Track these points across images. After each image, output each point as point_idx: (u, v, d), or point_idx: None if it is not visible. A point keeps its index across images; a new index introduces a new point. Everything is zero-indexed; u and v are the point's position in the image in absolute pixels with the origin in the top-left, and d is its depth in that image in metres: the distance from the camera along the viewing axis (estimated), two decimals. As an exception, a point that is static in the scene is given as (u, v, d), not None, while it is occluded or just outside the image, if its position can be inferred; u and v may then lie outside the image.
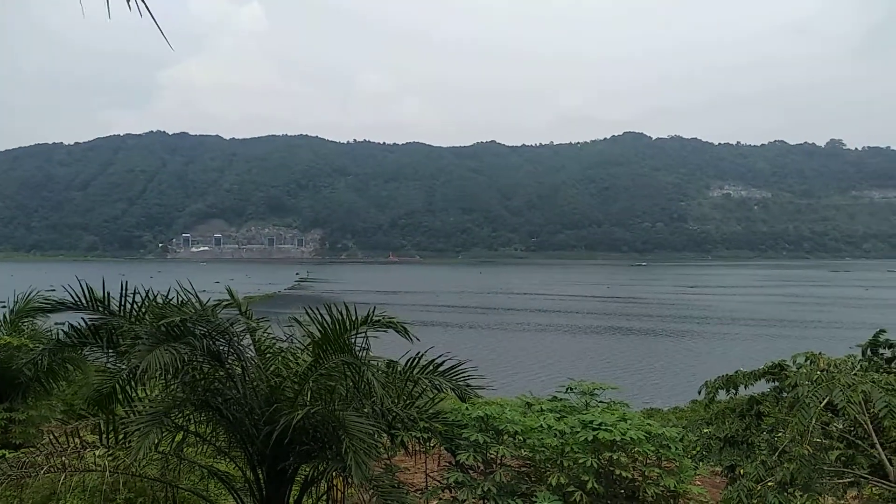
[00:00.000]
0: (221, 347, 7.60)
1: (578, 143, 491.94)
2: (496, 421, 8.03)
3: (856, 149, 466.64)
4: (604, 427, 7.54)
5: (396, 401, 8.18)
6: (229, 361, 7.67)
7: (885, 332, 8.39)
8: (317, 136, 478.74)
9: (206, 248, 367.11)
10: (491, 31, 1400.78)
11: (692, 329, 76.94)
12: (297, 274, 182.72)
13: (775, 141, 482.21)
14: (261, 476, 7.65)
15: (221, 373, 7.70)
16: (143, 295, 7.81)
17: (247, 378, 7.67)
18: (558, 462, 7.69)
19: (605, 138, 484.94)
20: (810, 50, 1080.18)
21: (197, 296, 7.69)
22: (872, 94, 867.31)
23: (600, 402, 9.31)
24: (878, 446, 6.61)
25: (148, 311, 7.59)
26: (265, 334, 8.42)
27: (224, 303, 8.22)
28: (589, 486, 7.24)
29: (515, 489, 7.65)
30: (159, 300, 7.68)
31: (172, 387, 7.61)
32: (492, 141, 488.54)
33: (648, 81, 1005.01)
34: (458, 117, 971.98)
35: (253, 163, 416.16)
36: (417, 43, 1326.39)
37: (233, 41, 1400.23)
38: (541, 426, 8.05)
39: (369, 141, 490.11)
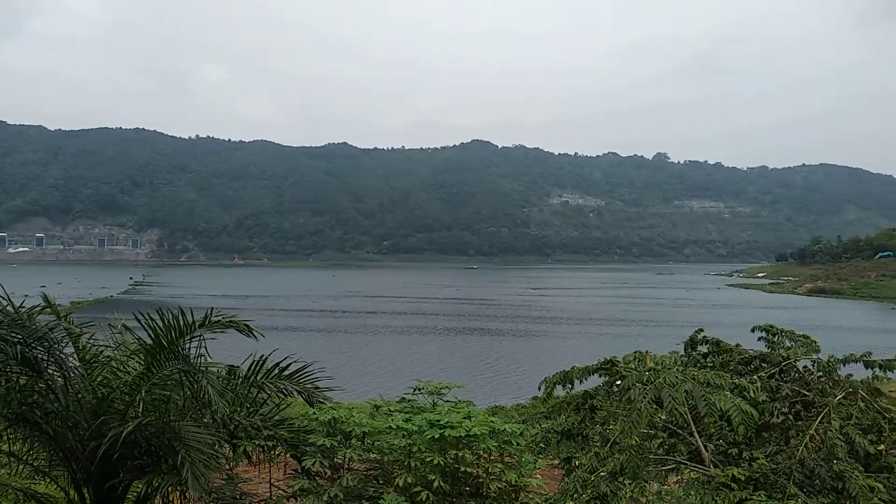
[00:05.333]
0: (39, 356, 6.90)
1: (429, 148, 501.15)
2: (344, 424, 7.93)
3: (678, 162, 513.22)
4: (450, 425, 7.68)
5: (239, 409, 7.85)
6: (49, 371, 7.00)
7: (702, 330, 9.13)
8: (154, 131, 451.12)
9: (26, 248, 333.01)
10: (344, 27, 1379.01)
11: (535, 329, 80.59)
12: (131, 278, 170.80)
13: (608, 153, 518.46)
14: (86, 496, 7.06)
15: (40, 384, 7.01)
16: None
17: (70, 389, 7.05)
18: (406, 462, 7.73)
19: (454, 145, 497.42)
20: (644, 71, 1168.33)
21: (10, 299, 6.95)
22: (694, 113, 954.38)
23: (447, 401, 9.48)
24: (695, 434, 7.21)
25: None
26: (91, 341, 7.79)
27: (44, 307, 7.50)
28: (435, 484, 7.33)
29: (362, 493, 7.60)
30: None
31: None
32: (344, 142, 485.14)
33: (495, 94, 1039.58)
34: (307, 115, 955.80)
35: (82, 157, 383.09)
36: (265, 33, 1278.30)
37: (60, 24, 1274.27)
38: (389, 427, 8.05)
39: (213, 137, 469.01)
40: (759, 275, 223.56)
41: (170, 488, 6.81)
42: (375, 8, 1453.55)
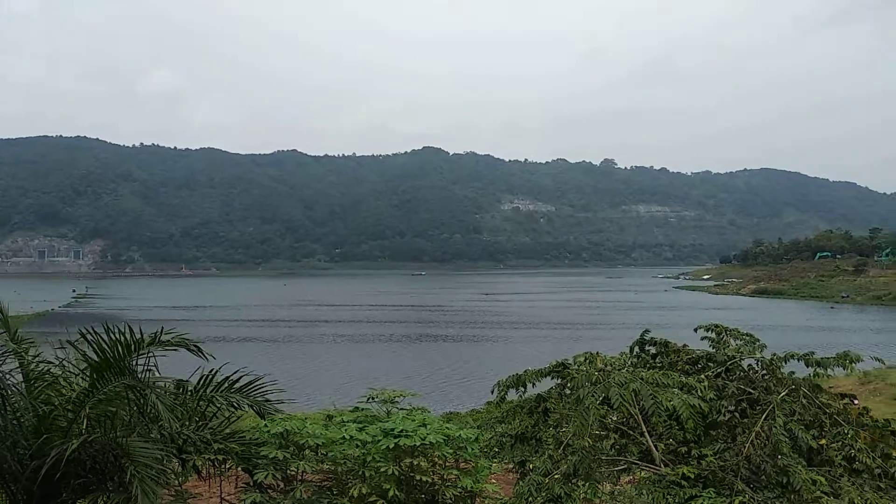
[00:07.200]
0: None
1: (381, 155, 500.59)
2: (297, 436, 7.83)
3: (625, 168, 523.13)
4: (404, 434, 7.65)
5: (188, 423, 7.67)
6: (-15, 390, 6.73)
7: (649, 331, 9.29)
8: (97, 138, 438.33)
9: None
10: (294, 27, 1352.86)
11: (489, 334, 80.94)
12: (73, 290, 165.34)
13: (558, 159, 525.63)
14: (26, 517, 6.79)
15: (-25, 404, 6.73)
16: None
17: (9, 408, 6.78)
18: (360, 472, 7.67)
19: (406, 152, 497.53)
20: (591, 80, 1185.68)
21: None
22: (639, 120, 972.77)
23: (401, 409, 9.45)
24: (646, 435, 7.34)
25: None
26: (33, 358, 7.51)
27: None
28: (390, 493, 7.29)
29: (317, 504, 7.50)
30: None
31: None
32: (293, 150, 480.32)
33: (446, 98, 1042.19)
34: (256, 118, 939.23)
35: (20, 166, 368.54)
36: (210, 38, 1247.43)
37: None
38: (343, 438, 7.97)
39: (158, 145, 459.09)
40: (705, 277, 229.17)
41: (116, 506, 6.61)
42: (328, 7, 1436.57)
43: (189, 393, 7.86)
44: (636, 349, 9.14)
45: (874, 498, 6.21)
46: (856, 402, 8.77)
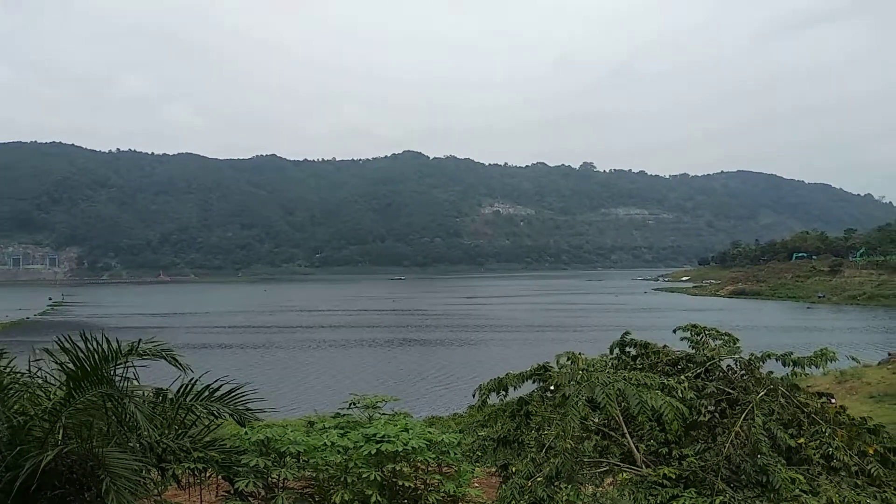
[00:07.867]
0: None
1: (360, 159, 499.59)
2: (278, 443, 7.75)
3: (604, 171, 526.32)
4: (387, 439, 7.61)
5: (167, 431, 7.57)
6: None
7: (630, 333, 9.34)
8: (73, 144, 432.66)
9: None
10: (271, 27, 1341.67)
11: (471, 337, 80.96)
12: (50, 298, 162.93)
13: (537, 163, 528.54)
14: (1, 531, 6.66)
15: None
16: None
17: (-19, 420, 6.65)
18: (342, 479, 7.62)
19: (385, 156, 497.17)
20: (569, 82, 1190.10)
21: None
22: (618, 123, 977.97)
23: (383, 414, 9.40)
24: (627, 436, 7.37)
25: None
26: (7, 367, 7.38)
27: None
28: (373, 500, 7.25)
29: (299, 511, 7.44)
30: None
31: None
32: (272, 155, 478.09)
33: (426, 103, 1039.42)
34: (232, 120, 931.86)
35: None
36: (187, 42, 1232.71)
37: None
38: (324, 444, 7.92)
39: (134, 150, 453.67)
40: (684, 278, 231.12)
41: (93, 518, 6.51)
42: (304, 11, 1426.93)
43: (168, 402, 7.77)
44: (616, 350, 9.18)
45: (852, 495, 6.28)
46: (833, 400, 8.88)
